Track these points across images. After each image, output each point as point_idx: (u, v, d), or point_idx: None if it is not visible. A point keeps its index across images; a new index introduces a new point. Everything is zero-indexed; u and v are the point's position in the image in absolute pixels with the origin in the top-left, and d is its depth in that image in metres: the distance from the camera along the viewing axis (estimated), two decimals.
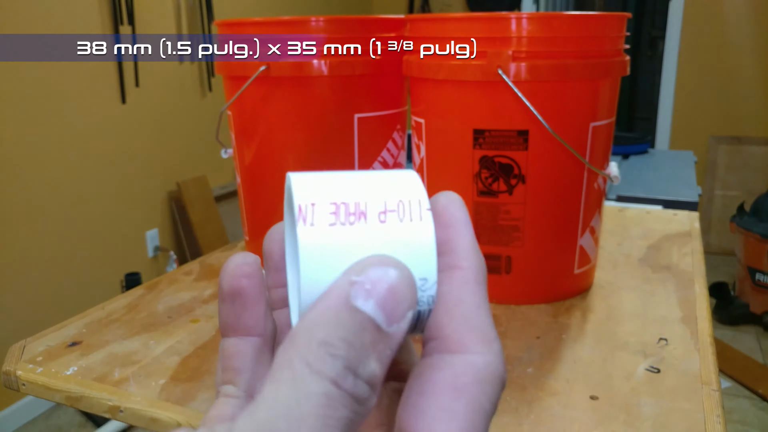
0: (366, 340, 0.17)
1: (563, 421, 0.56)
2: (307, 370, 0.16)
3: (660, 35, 4.12)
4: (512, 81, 0.69)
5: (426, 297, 0.19)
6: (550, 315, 0.77)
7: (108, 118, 2.28)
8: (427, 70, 0.75)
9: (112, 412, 0.61)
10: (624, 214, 1.18)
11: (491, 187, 0.75)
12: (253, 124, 0.87)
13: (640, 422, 0.55)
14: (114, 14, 2.25)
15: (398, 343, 0.17)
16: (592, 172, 0.76)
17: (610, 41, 0.74)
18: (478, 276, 0.19)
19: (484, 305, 0.19)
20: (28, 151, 1.99)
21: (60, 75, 2.07)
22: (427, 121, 0.79)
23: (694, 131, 3.56)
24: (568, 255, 0.79)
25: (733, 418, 2.06)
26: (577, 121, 0.74)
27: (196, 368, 0.66)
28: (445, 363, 0.18)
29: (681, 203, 1.73)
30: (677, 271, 0.89)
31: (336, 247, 0.19)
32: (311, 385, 0.15)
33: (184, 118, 2.64)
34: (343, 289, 0.17)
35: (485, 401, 0.18)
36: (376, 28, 0.84)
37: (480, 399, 0.18)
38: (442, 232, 0.20)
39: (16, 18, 1.92)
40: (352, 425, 0.16)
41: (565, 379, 0.62)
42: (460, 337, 0.18)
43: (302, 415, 0.15)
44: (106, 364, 0.67)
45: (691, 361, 0.65)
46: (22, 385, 0.66)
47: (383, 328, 0.17)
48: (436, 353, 0.19)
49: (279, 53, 0.81)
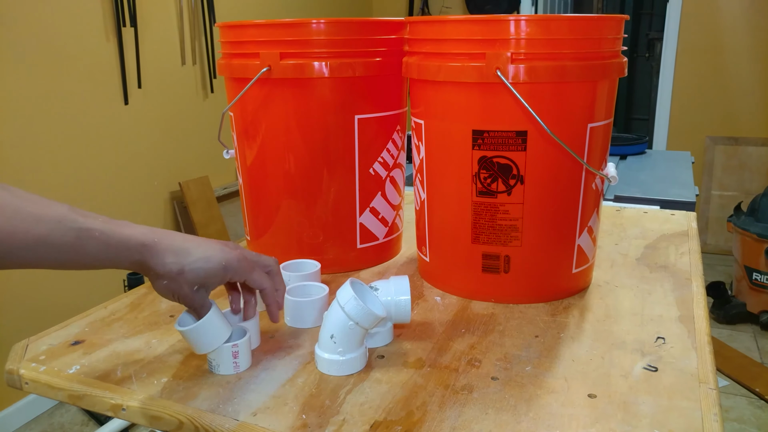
0: None
1: (561, 418, 0.56)
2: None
3: (657, 37, 4.13)
4: (511, 82, 0.70)
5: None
6: (548, 314, 0.77)
7: (110, 119, 2.28)
8: (426, 71, 0.76)
9: (114, 410, 0.61)
10: (621, 214, 1.19)
11: (490, 188, 0.76)
12: (254, 125, 0.87)
13: (637, 420, 0.56)
14: (116, 16, 2.25)
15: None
16: (590, 172, 0.77)
17: (608, 43, 0.75)
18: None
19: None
20: (31, 151, 1.99)
21: (62, 76, 2.08)
22: (427, 122, 0.79)
23: (692, 132, 3.57)
24: (566, 254, 0.80)
25: (730, 417, 2.07)
26: (575, 122, 0.74)
27: (198, 367, 0.66)
28: None
29: (678, 203, 1.74)
30: (674, 271, 0.90)
31: None
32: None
33: (186, 119, 2.64)
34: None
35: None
36: (376, 31, 0.85)
37: None
38: None
39: (18, 19, 1.92)
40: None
41: (564, 378, 0.63)
42: None
43: None
44: (108, 362, 0.67)
45: (688, 360, 0.66)
46: (25, 383, 0.66)
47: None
48: None
49: (280, 55, 0.81)
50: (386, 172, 0.91)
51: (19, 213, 0.52)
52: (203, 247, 0.61)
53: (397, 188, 0.95)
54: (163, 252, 0.59)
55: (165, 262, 0.58)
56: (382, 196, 0.92)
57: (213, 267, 0.61)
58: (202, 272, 0.60)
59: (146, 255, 0.58)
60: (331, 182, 0.87)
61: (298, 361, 0.67)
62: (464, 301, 0.82)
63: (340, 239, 0.90)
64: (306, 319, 0.75)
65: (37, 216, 0.53)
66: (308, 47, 0.82)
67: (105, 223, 0.56)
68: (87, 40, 2.16)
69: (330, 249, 0.90)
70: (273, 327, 0.75)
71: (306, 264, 0.84)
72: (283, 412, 0.58)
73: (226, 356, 0.64)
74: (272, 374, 0.64)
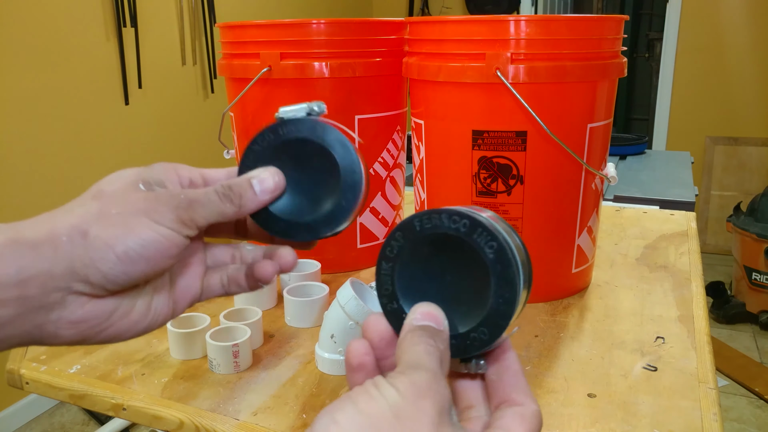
0: (429, 336, 0.31)
1: (561, 418, 0.57)
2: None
3: (657, 37, 4.13)
4: (510, 83, 0.70)
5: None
6: (548, 314, 0.77)
7: (111, 120, 2.28)
8: (426, 72, 0.76)
9: (115, 410, 0.61)
10: (621, 214, 1.19)
11: (490, 188, 0.76)
12: (255, 125, 0.87)
13: (637, 420, 0.56)
14: (117, 16, 2.25)
15: (447, 335, 0.33)
16: (590, 172, 0.77)
17: (608, 43, 0.75)
18: (519, 363, 0.34)
19: (526, 380, 0.34)
20: (31, 151, 1.99)
21: (63, 76, 2.08)
22: (427, 122, 0.79)
23: (691, 132, 3.58)
24: (566, 254, 0.80)
25: (729, 416, 2.07)
26: (574, 122, 0.74)
27: (199, 366, 0.66)
28: (517, 409, 0.32)
29: (678, 203, 1.74)
30: (674, 271, 0.90)
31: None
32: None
33: (187, 120, 2.64)
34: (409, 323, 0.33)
35: (537, 427, 0.32)
36: (377, 31, 0.85)
37: (535, 427, 0.32)
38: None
39: (18, 19, 1.92)
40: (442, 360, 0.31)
41: (563, 377, 0.63)
42: (524, 398, 0.33)
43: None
44: (109, 362, 0.68)
45: (688, 360, 0.66)
46: (25, 383, 0.66)
47: (434, 327, 0.32)
48: (510, 405, 0.33)
49: (281, 55, 0.82)
50: (386, 172, 0.91)
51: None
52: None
53: (397, 188, 0.95)
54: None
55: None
56: (382, 196, 0.92)
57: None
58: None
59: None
60: None
61: (298, 361, 0.67)
62: None
63: (340, 239, 0.90)
64: (306, 319, 0.75)
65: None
66: (308, 47, 0.82)
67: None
68: (87, 40, 2.16)
69: (330, 249, 0.90)
70: (273, 327, 0.75)
71: (306, 264, 0.84)
72: (283, 412, 0.58)
73: (226, 356, 0.64)
74: (273, 374, 0.65)
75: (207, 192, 0.37)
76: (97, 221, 0.34)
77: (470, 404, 0.35)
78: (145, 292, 0.38)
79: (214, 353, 0.65)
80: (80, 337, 0.36)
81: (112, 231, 0.34)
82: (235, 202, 0.38)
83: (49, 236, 0.34)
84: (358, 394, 0.28)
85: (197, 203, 0.37)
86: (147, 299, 0.38)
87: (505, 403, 0.33)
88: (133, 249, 0.34)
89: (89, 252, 0.33)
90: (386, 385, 0.28)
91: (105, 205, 0.35)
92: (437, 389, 0.28)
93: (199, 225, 0.37)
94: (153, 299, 0.38)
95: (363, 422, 0.26)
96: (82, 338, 0.36)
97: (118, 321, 0.37)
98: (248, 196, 0.38)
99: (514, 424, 0.32)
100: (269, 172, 0.39)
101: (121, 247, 0.34)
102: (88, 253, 0.33)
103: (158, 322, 0.39)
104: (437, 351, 0.31)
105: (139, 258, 0.34)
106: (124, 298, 0.36)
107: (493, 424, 0.32)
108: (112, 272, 0.34)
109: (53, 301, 0.34)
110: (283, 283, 0.82)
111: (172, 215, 0.35)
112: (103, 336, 0.37)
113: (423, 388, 0.28)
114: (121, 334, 0.37)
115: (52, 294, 0.33)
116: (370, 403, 0.27)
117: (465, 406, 0.35)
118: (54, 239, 0.33)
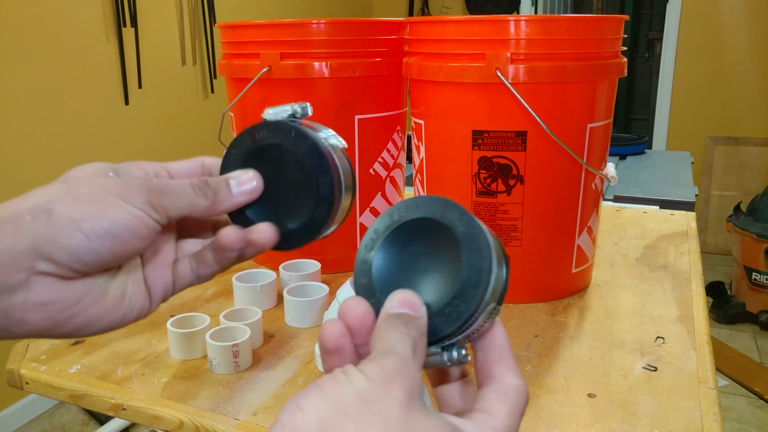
0: (403, 323, 0.30)
1: (561, 418, 0.57)
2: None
3: (657, 37, 4.13)
4: (510, 83, 0.70)
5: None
6: (548, 314, 0.77)
7: (111, 120, 2.28)
8: (426, 72, 0.76)
9: (115, 410, 0.61)
10: (621, 214, 1.19)
11: (490, 188, 0.76)
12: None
13: (637, 420, 0.56)
14: (117, 16, 2.25)
15: (424, 322, 0.32)
16: (590, 172, 0.77)
17: (608, 43, 0.75)
18: (507, 338, 0.34)
19: (511, 355, 0.33)
20: (31, 151, 1.99)
21: (63, 76, 2.08)
22: (427, 122, 0.79)
23: (691, 132, 3.58)
24: (566, 254, 0.80)
25: (729, 416, 2.07)
26: (574, 122, 0.74)
27: (198, 366, 0.66)
28: (496, 385, 0.32)
29: (678, 203, 1.74)
30: (674, 271, 0.90)
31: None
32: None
33: (187, 120, 2.64)
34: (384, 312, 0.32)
35: (521, 405, 0.31)
36: (377, 31, 0.85)
37: (517, 403, 0.31)
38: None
39: (18, 19, 1.92)
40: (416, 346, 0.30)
41: (563, 377, 0.63)
42: (506, 372, 0.32)
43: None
44: (109, 362, 0.68)
45: (688, 360, 0.66)
46: (25, 383, 0.66)
47: (409, 314, 0.31)
48: (491, 382, 0.32)
49: (281, 55, 0.82)
50: (386, 172, 0.91)
51: None
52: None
53: (397, 188, 0.95)
54: None
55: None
56: (382, 196, 0.92)
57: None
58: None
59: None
60: None
61: (298, 361, 0.67)
62: None
63: (340, 239, 0.90)
64: (306, 319, 0.75)
65: None
66: (308, 47, 0.82)
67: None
68: (87, 40, 2.16)
69: (330, 249, 0.90)
70: (273, 327, 0.75)
71: (306, 264, 0.84)
72: None
73: (226, 356, 0.64)
74: (272, 374, 0.65)
75: (182, 183, 0.37)
76: (63, 200, 0.33)
77: (459, 409, 0.34)
78: (118, 278, 0.36)
79: (214, 353, 0.64)
80: (50, 323, 0.34)
81: (80, 209, 0.33)
82: (209, 197, 0.37)
83: (12, 215, 0.32)
84: (326, 381, 0.27)
85: (170, 191, 0.36)
86: (120, 286, 0.36)
87: (488, 380, 0.32)
88: (101, 226, 0.33)
89: (54, 229, 0.32)
90: (355, 372, 0.27)
91: (73, 186, 0.34)
92: (407, 373, 0.28)
93: (170, 214, 0.36)
94: (128, 287, 0.37)
95: (329, 408, 0.26)
96: (52, 324, 0.34)
97: (90, 307, 0.35)
98: (223, 194, 0.38)
99: (495, 403, 0.31)
100: (248, 175, 0.39)
101: (88, 224, 0.32)
102: (52, 231, 0.32)
103: (134, 313, 0.37)
104: (409, 337, 0.30)
105: (107, 236, 0.33)
106: (96, 282, 0.35)
107: (474, 407, 0.31)
108: (78, 250, 0.32)
109: (16, 282, 0.32)
110: (283, 283, 0.82)
111: (143, 197, 0.34)
112: (76, 323, 0.35)
113: (392, 372, 0.27)
114: (94, 322, 0.36)
115: (15, 274, 0.32)
116: (337, 389, 0.26)
117: (455, 412, 0.34)
118: (17, 218, 0.32)
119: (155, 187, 0.35)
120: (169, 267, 0.39)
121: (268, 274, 0.81)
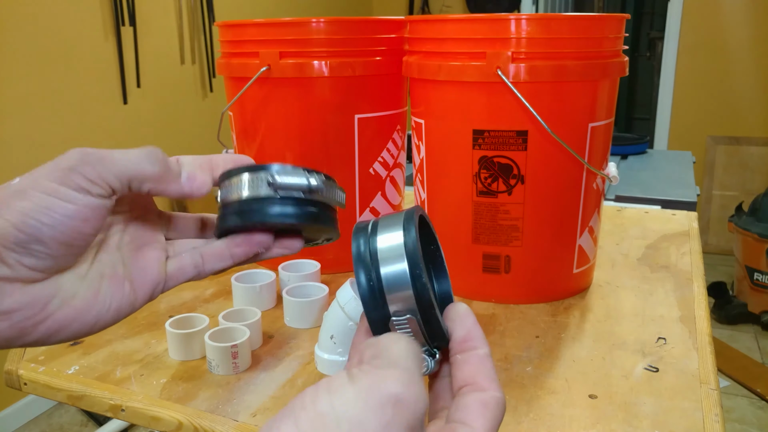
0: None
1: (562, 419, 0.56)
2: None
3: (659, 36, 4.13)
4: (511, 82, 0.70)
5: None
6: (549, 314, 0.77)
7: (109, 119, 2.28)
8: (426, 71, 0.76)
9: (113, 410, 0.61)
10: (622, 214, 1.18)
11: (490, 188, 0.76)
12: (254, 124, 0.87)
13: (638, 421, 0.56)
14: (115, 15, 2.25)
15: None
16: (591, 172, 0.77)
17: (609, 42, 0.74)
18: (488, 351, 0.34)
19: (493, 366, 0.34)
20: (30, 151, 1.99)
21: (61, 75, 2.08)
22: (427, 121, 0.79)
23: (693, 132, 3.57)
24: (567, 255, 0.80)
25: (731, 417, 2.06)
26: (575, 122, 0.74)
27: (197, 367, 0.66)
28: (479, 395, 0.32)
29: (679, 203, 1.73)
30: (676, 271, 0.90)
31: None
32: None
33: (186, 119, 2.64)
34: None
35: (500, 418, 0.31)
36: (376, 30, 0.84)
37: (497, 416, 0.31)
38: (463, 329, 0.35)
39: (17, 19, 1.92)
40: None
41: (564, 378, 0.63)
42: (488, 384, 0.32)
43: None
44: (107, 363, 0.67)
45: (689, 360, 0.66)
46: (24, 384, 0.66)
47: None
48: (472, 392, 0.32)
49: (280, 54, 0.81)
50: (386, 171, 0.91)
51: None
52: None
53: (397, 188, 0.95)
54: None
55: None
56: (382, 195, 0.91)
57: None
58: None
59: None
60: None
61: (297, 362, 0.67)
62: (464, 301, 0.81)
63: (339, 239, 0.90)
64: (306, 319, 0.75)
65: None
66: (308, 46, 0.81)
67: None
68: (86, 39, 2.16)
69: (330, 249, 0.90)
70: (273, 328, 0.75)
71: (306, 264, 0.84)
72: None
73: (225, 357, 0.64)
74: (272, 375, 0.64)
75: (127, 150, 0.34)
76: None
77: (445, 405, 0.35)
78: (90, 277, 0.35)
79: (212, 354, 0.64)
80: (15, 332, 0.32)
81: (12, 205, 0.31)
82: (161, 162, 0.35)
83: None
84: (299, 408, 0.28)
85: (109, 159, 0.33)
86: (92, 285, 0.34)
87: (467, 387, 0.32)
88: (34, 218, 0.31)
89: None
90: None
91: (7, 184, 0.32)
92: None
93: (112, 184, 0.33)
94: (101, 286, 0.35)
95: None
96: (17, 333, 0.32)
97: (58, 310, 0.33)
98: (173, 170, 0.36)
99: (475, 415, 0.31)
100: (203, 175, 0.38)
101: (19, 219, 0.30)
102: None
103: (110, 313, 0.35)
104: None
105: (43, 227, 0.31)
106: (61, 283, 0.33)
107: (452, 416, 0.31)
108: (20, 246, 0.31)
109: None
110: (283, 283, 0.81)
111: (75, 175, 0.32)
112: (44, 330, 0.33)
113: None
114: (64, 326, 0.33)
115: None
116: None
117: (441, 407, 0.35)
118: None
119: (90, 159, 0.32)
120: (158, 261, 0.38)
121: (267, 274, 0.81)
